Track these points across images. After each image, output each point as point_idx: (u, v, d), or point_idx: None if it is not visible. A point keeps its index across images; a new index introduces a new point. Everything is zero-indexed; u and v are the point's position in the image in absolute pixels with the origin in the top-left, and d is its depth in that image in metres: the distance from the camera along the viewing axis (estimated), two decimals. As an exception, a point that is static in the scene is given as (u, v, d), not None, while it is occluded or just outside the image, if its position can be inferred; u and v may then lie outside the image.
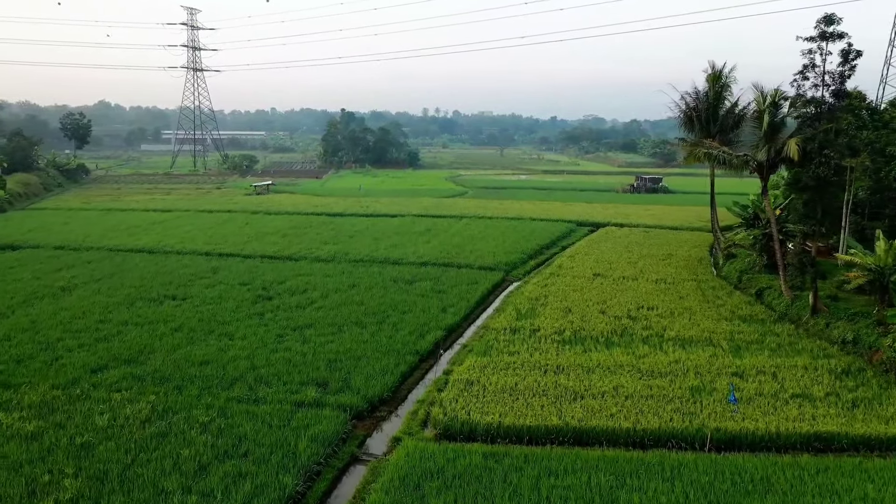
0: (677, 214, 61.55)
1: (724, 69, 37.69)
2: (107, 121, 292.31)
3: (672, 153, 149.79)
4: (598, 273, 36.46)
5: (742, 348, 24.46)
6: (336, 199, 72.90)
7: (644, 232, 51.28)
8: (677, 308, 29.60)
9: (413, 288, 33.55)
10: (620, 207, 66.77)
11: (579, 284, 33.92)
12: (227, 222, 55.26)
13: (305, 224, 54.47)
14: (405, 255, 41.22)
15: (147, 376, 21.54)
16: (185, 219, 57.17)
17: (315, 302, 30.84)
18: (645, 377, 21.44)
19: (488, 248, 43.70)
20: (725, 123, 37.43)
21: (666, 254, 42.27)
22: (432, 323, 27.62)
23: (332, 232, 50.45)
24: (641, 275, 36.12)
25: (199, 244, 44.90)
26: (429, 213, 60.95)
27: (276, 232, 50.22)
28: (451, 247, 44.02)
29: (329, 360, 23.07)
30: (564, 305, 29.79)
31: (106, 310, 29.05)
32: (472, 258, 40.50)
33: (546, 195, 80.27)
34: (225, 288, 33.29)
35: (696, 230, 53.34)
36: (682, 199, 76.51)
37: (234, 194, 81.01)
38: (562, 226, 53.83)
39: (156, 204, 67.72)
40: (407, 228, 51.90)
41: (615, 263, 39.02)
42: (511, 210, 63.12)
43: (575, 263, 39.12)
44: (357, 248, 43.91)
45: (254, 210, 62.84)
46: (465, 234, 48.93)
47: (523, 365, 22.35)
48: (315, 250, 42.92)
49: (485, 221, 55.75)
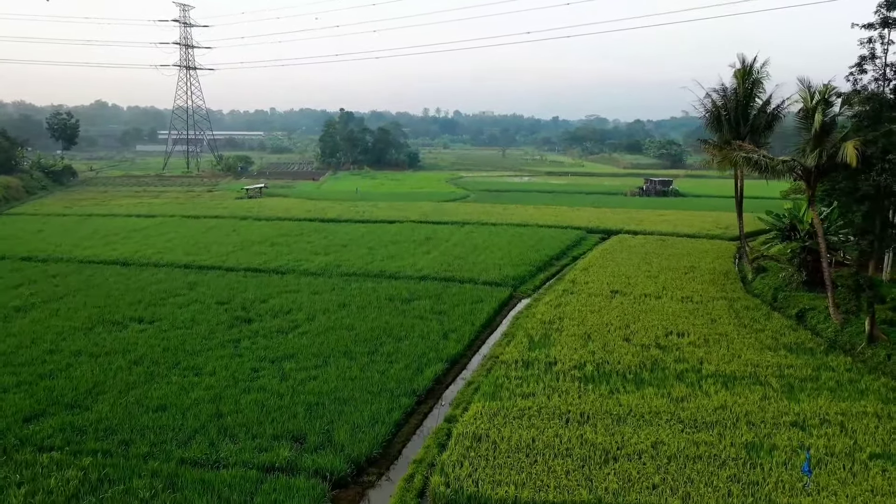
0: (692, 220, 57.94)
1: (754, 63, 34.03)
2: (103, 121, 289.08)
3: (679, 154, 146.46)
4: (616, 290, 32.84)
5: (795, 387, 20.83)
6: (331, 204, 69.28)
7: (660, 240, 47.64)
8: (711, 334, 25.97)
9: (411, 308, 29.93)
10: (632, 212, 63.14)
11: (597, 304, 30.29)
12: (213, 229, 51.65)
13: (297, 231, 50.86)
14: (402, 268, 37.62)
15: (90, 427, 17.92)
16: (168, 225, 53.56)
17: (300, 325, 27.23)
18: (688, 429, 17.81)
19: (493, 259, 40.09)
20: (757, 123, 33.81)
21: (688, 266, 38.64)
22: (432, 353, 24.00)
23: (324, 240, 46.84)
24: (664, 292, 32.50)
25: (178, 255, 41.28)
26: (429, 219, 57.35)
27: (265, 240, 46.60)
28: (453, 258, 40.41)
29: (309, 405, 19.45)
30: (583, 331, 26.17)
31: (59, 336, 25.44)
32: (475, 271, 36.88)
33: (552, 199, 76.68)
34: (200, 308, 29.67)
35: (715, 238, 49.71)
36: (694, 203, 72.91)
37: (225, 197, 77.42)
38: (571, 233, 50.20)
39: (140, 208, 64.11)
40: (405, 236, 48.28)
41: (634, 278, 35.40)
42: (516, 215, 59.52)
43: (589, 278, 35.50)
44: (350, 259, 40.31)
45: (243, 215, 59.25)
46: (467, 244, 45.31)
47: (540, 411, 18.72)
48: (304, 262, 39.31)
49: (489, 228, 52.13)
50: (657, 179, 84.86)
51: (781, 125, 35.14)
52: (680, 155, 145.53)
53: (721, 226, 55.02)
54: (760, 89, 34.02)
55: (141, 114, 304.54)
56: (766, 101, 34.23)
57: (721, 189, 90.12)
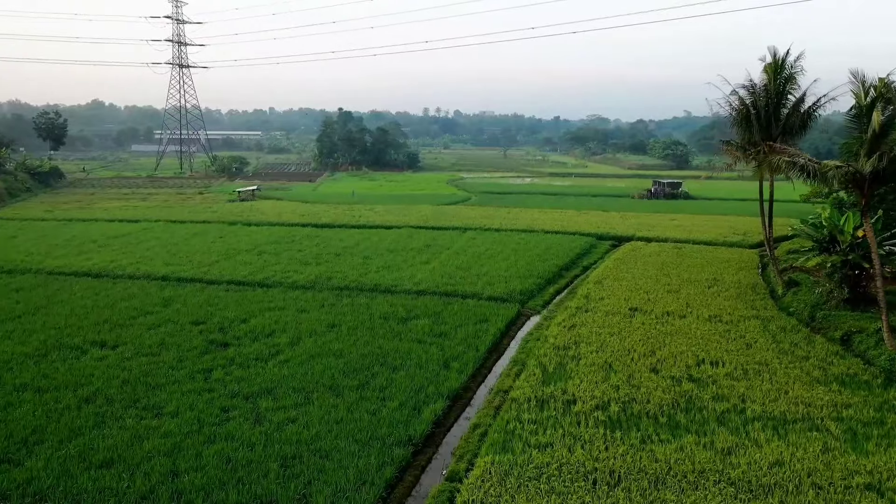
0: (707, 226, 54.78)
1: (787, 56, 30.83)
2: (99, 120, 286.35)
3: (685, 155, 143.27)
4: (635, 307, 29.68)
5: (859, 435, 17.67)
6: (326, 207, 66.11)
7: (676, 248, 44.46)
8: (749, 363, 22.81)
9: (408, 329, 26.78)
10: (642, 217, 59.98)
11: (616, 324, 27.13)
12: (199, 236, 48.48)
13: (287, 238, 47.71)
14: (399, 281, 34.47)
15: (15, 491, 14.79)
16: (151, 231, 50.39)
17: (282, 351, 24.09)
18: (742, 494, 14.67)
19: (498, 270, 36.94)
20: (791, 123, 30.63)
21: (710, 278, 35.49)
22: (431, 387, 20.86)
23: (316, 248, 43.68)
24: (689, 310, 29.34)
25: (157, 265, 38.11)
26: (428, 224, 54.21)
27: (252, 248, 43.44)
28: (455, 269, 37.26)
29: (285, 458, 16.31)
30: (603, 359, 23.01)
31: (6, 365, 22.30)
32: (479, 285, 33.74)
33: (556, 201, 73.57)
34: (172, 329, 26.53)
35: (734, 246, 46.55)
36: (706, 207, 69.72)
37: (216, 200, 74.30)
38: (580, 240, 47.04)
39: (125, 212, 60.97)
40: (403, 244, 45.12)
41: (653, 292, 32.24)
42: (521, 220, 56.37)
43: (604, 292, 32.35)
44: (343, 269, 37.17)
45: (232, 220, 56.10)
46: (470, 252, 42.16)
47: (561, 470, 15.57)
48: (293, 273, 36.15)
49: (492, 235, 48.97)
50: (666, 181, 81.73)
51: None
52: (686, 156, 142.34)
53: (738, 231, 51.88)
54: (794, 85, 30.84)
55: (138, 113, 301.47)
56: (799, 99, 31.03)
57: (731, 191, 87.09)
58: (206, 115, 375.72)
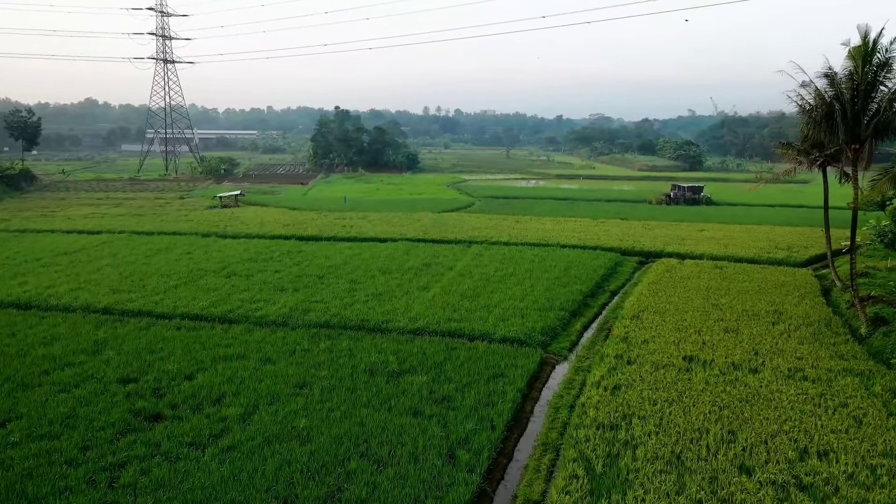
0: (743, 238, 48.39)
1: (880, 37, 24.38)
2: (92, 119, 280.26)
3: (697, 156, 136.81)
4: (690, 356, 23.33)
5: None
6: (315, 215, 59.72)
7: (716, 268, 38.11)
8: (872, 454, 16.47)
9: (400, 389, 20.45)
10: (667, 227, 53.62)
11: (671, 383, 20.78)
12: (163, 252, 42.11)
13: (265, 254, 41.36)
14: (392, 315, 28.12)
15: None
16: (109, 246, 44.02)
17: (229, 430, 17.77)
18: None
19: (512, 299, 30.61)
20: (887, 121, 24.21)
21: (771, 310, 29.16)
22: (430, 500, 14.53)
23: (296, 268, 37.34)
24: (759, 359, 23.00)
25: (101, 293, 31.72)
26: (428, 236, 47.86)
27: (222, 268, 37.09)
28: (460, 297, 30.92)
29: None
30: (668, 448, 16.65)
31: None
32: (490, 320, 27.40)
33: (568, 208, 67.21)
34: (92, 391, 20.21)
35: (781, 264, 40.26)
36: (734, 215, 63.31)
37: (195, 206, 67.95)
38: (603, 257, 40.68)
39: (89, 222, 54.60)
40: (398, 262, 38.77)
41: (707, 332, 25.90)
42: (531, 231, 50.04)
43: (646, 331, 26.00)
44: (325, 298, 30.85)
45: (207, 231, 49.72)
46: (476, 273, 35.81)
47: None
48: (263, 304, 29.81)
49: (501, 250, 42.60)
50: (686, 185, 75.33)
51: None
52: (699, 157, 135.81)
53: (780, 245, 45.55)
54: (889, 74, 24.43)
55: (132, 112, 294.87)
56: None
57: (756, 197, 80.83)
58: (201, 113, 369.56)
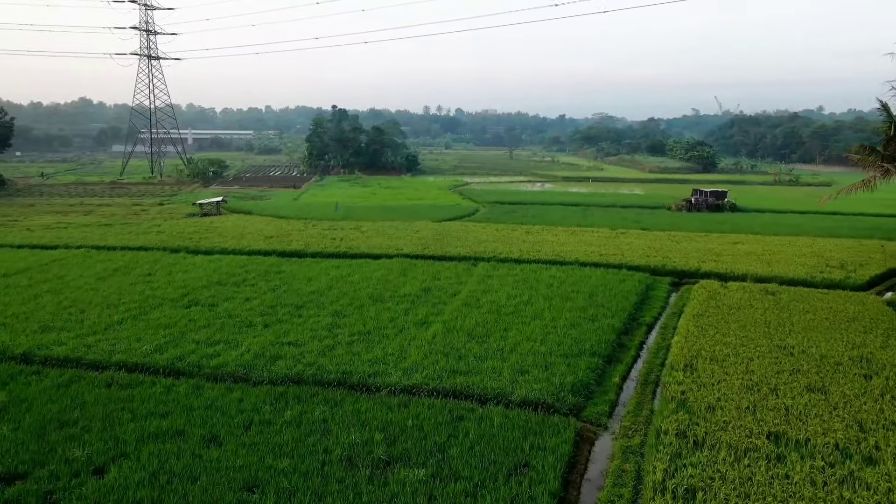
0: (786, 252, 42.54)
1: None
2: (86, 119, 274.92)
3: (711, 157, 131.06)
4: (775, 432, 17.48)
5: None
6: (302, 225, 53.90)
7: (768, 294, 32.27)
8: None
9: (387, 496, 14.64)
10: (696, 239, 47.78)
11: (764, 486, 14.93)
12: (120, 272, 36.30)
13: (238, 275, 35.57)
14: (381, 366, 22.30)
15: None
16: (60, 265, 38.19)
17: (130, 579, 11.93)
18: None
19: (530, 339, 24.79)
20: None
21: (855, 355, 23.34)
22: None
23: (271, 295, 31.52)
24: (870, 440, 17.17)
25: (27, 331, 25.77)
26: (428, 251, 42.06)
27: (183, 296, 31.27)
28: (466, 337, 25.10)
29: None
30: None
31: None
32: (505, 373, 21.58)
33: (582, 215, 61.46)
34: (-45, 498, 14.41)
35: (840, 287, 34.51)
36: (765, 223, 57.52)
37: (174, 214, 62.18)
38: (631, 280, 34.89)
39: (46, 235, 48.74)
40: (392, 287, 32.96)
41: (786, 391, 20.07)
42: (545, 244, 44.26)
43: (708, 391, 20.14)
44: (301, 338, 25.05)
45: (177, 246, 43.87)
46: (485, 302, 30.00)
47: None
48: (223, 348, 23.99)
49: (511, 270, 36.79)
50: (709, 191, 69.51)
51: None
52: (712, 158, 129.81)
53: (831, 262, 39.69)
54: None
55: (127, 112, 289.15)
56: None
57: (781, 202, 75.29)
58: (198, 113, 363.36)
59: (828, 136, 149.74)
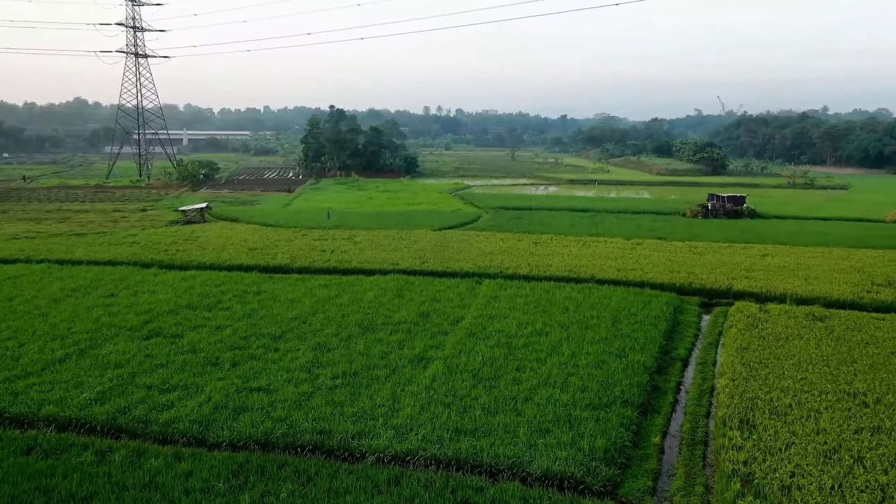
0: (823, 267, 38.41)
1: None
2: (80, 119, 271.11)
3: (721, 158, 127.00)
4: (880, 530, 13.39)
5: None
6: (290, 234, 49.79)
7: (816, 320, 28.14)
8: None
9: None
10: (719, 251, 43.64)
11: None
12: (79, 293, 32.17)
13: (213, 296, 31.46)
14: (370, 422, 18.18)
15: None
16: (14, 284, 34.00)
17: None
18: None
19: (549, 384, 20.69)
20: None
21: (944, 409, 19.20)
22: None
23: (247, 321, 27.41)
24: None
25: (-51, 372, 21.75)
26: (427, 266, 37.95)
27: (144, 323, 27.14)
28: (471, 381, 20.99)
29: None
30: None
31: None
32: (521, 435, 17.47)
33: (592, 222, 57.35)
34: None
35: (892, 310, 30.27)
36: (789, 231, 53.43)
37: (156, 221, 58.08)
38: (657, 301, 30.77)
39: (9, 247, 44.52)
40: (386, 313, 28.81)
41: (873, 460, 15.99)
42: (555, 257, 40.16)
43: (776, 459, 16.04)
44: (273, 381, 20.95)
45: (149, 260, 39.72)
46: (492, 332, 25.87)
47: None
48: (178, 396, 19.87)
49: (521, 289, 32.65)
50: (726, 196, 65.38)
51: None
52: (722, 159, 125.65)
53: (876, 278, 35.58)
54: None
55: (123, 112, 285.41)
56: None
57: (798, 207, 71.38)
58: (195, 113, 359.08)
59: (839, 137, 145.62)
